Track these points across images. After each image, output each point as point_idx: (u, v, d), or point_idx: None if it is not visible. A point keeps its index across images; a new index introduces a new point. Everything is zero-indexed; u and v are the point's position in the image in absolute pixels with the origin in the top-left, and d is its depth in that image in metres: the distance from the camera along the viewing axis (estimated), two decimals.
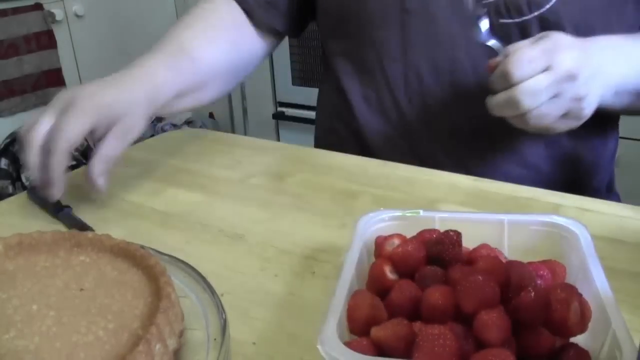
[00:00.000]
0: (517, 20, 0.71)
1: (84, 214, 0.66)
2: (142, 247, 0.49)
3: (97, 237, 0.50)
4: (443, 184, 0.67)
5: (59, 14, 2.27)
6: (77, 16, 2.36)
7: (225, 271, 0.55)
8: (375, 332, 0.36)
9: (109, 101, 0.65)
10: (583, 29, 0.70)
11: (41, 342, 0.40)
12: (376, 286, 0.41)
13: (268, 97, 2.66)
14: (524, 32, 0.71)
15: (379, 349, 0.35)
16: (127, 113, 0.65)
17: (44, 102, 2.27)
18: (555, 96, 0.60)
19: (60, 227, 0.63)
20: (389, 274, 0.41)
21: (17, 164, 2.18)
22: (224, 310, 0.44)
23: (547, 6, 0.70)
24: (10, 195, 0.74)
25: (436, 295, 0.37)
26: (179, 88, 0.74)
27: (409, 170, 0.72)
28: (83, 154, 2.33)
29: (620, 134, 0.72)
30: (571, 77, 0.60)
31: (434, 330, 0.34)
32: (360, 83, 0.83)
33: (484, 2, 0.72)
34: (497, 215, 0.46)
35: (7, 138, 2.17)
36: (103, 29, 2.45)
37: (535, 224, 0.45)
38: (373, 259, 0.44)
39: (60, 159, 0.61)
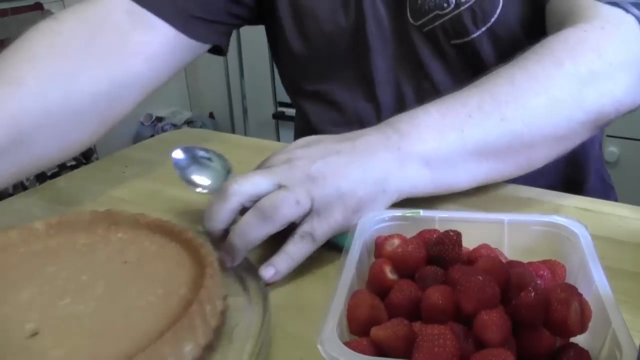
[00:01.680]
0: (466, 39, 0.70)
1: None
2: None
3: (133, 215, 0.53)
4: None
5: None
6: None
7: None
8: (375, 332, 0.36)
9: None
10: (532, 34, 0.67)
11: (97, 306, 0.44)
12: (376, 286, 0.41)
13: (268, 97, 2.66)
14: (475, 50, 0.71)
15: (379, 349, 0.35)
16: None
17: None
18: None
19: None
20: (389, 274, 0.41)
21: None
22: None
23: (493, 19, 0.68)
24: (10, 195, 0.74)
25: (436, 295, 0.37)
26: None
27: None
28: (84, 155, 2.33)
29: (620, 134, 0.71)
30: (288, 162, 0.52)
31: (434, 330, 0.34)
32: (330, 123, 0.81)
33: (425, 29, 0.72)
34: (497, 215, 0.46)
35: None
36: None
37: (535, 224, 0.45)
38: (373, 259, 0.44)
39: None
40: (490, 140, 0.55)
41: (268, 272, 0.50)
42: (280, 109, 2.65)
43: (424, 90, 0.76)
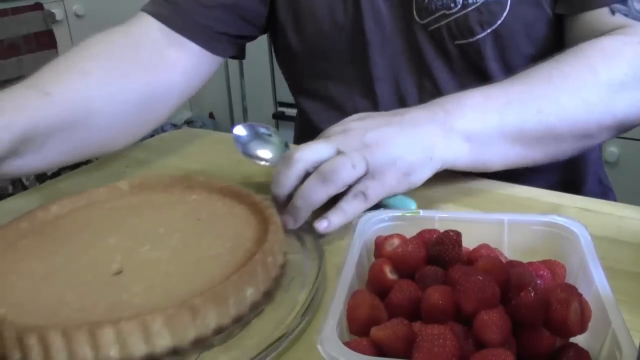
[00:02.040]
0: (470, 40, 0.72)
1: None
2: None
3: (207, 180, 0.60)
4: (443, 184, 0.67)
5: (59, 14, 2.28)
6: (77, 16, 2.36)
7: None
8: (375, 332, 0.36)
9: None
10: (535, 39, 0.72)
11: (172, 254, 0.50)
12: (376, 286, 0.41)
13: (268, 97, 2.66)
14: (479, 51, 0.72)
15: (379, 349, 0.35)
16: None
17: None
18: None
19: None
20: (389, 274, 0.41)
21: None
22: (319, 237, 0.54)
23: (499, 22, 0.70)
24: (10, 195, 0.74)
25: (436, 295, 0.37)
26: (20, 131, 0.59)
27: None
28: None
29: (620, 134, 0.72)
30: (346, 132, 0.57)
31: (434, 330, 0.34)
32: (330, 121, 0.82)
33: (430, 28, 0.73)
34: (497, 215, 0.46)
35: None
36: (103, 29, 2.45)
37: (535, 224, 0.45)
38: (373, 259, 0.44)
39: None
40: (525, 128, 0.61)
41: (322, 224, 0.55)
42: (280, 109, 2.65)
43: (424, 88, 0.76)
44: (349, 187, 0.55)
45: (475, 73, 0.74)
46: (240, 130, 0.67)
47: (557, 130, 0.61)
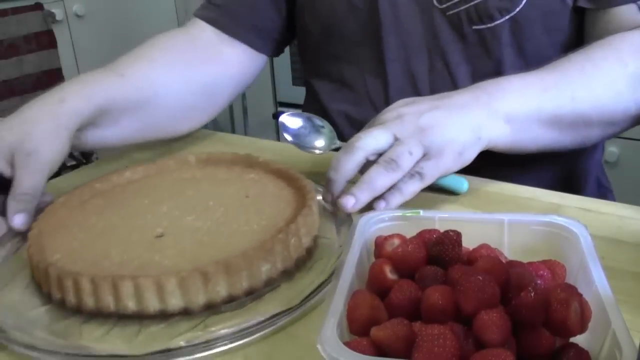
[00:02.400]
0: (489, 25, 0.73)
1: None
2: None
3: (265, 161, 0.65)
4: None
5: (59, 14, 2.27)
6: (77, 16, 2.36)
7: None
8: (375, 332, 0.36)
9: (11, 141, 0.62)
10: (552, 29, 0.73)
11: (211, 226, 0.55)
12: (376, 286, 0.41)
13: (268, 97, 2.66)
14: (496, 36, 0.74)
15: (379, 349, 0.35)
16: (36, 148, 0.61)
17: None
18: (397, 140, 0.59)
19: None
20: (389, 274, 0.41)
21: None
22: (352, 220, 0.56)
23: (517, 9, 0.72)
24: None
25: (436, 295, 0.37)
26: (99, 102, 0.68)
27: None
28: (84, 155, 2.33)
29: (621, 134, 0.72)
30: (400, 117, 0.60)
31: (434, 330, 0.34)
32: (340, 101, 0.84)
33: (449, 13, 0.73)
34: (497, 215, 0.46)
35: None
36: (103, 29, 2.45)
37: (535, 224, 0.45)
38: (373, 259, 0.44)
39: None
40: (560, 114, 0.64)
41: (380, 204, 0.58)
42: (280, 109, 2.65)
43: (435, 70, 0.77)
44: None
45: (488, 58, 0.75)
46: (292, 121, 0.70)
47: (588, 116, 0.65)
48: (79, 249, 0.54)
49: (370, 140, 0.58)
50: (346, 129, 0.83)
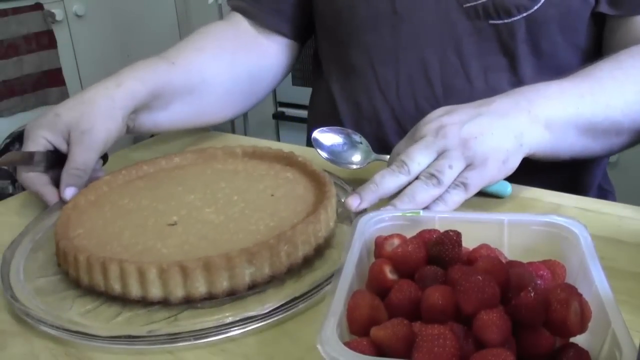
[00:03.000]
0: (506, 21, 0.73)
1: None
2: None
3: (304, 160, 0.65)
4: None
5: (59, 14, 2.27)
6: (77, 16, 2.36)
7: None
8: (375, 332, 0.36)
9: (68, 119, 0.67)
10: (568, 29, 0.73)
11: (224, 220, 0.56)
12: (376, 286, 0.41)
13: (268, 97, 2.66)
14: (512, 32, 0.73)
15: (379, 349, 0.35)
16: (90, 126, 0.66)
17: (44, 102, 2.27)
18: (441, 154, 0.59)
19: None
20: (389, 274, 0.41)
21: None
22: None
23: (535, 7, 0.71)
24: (10, 195, 0.74)
25: (436, 295, 0.37)
26: (152, 87, 0.73)
27: None
28: None
29: None
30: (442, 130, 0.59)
31: (434, 330, 0.34)
32: (347, 89, 0.84)
33: (466, 5, 0.73)
34: (497, 215, 0.46)
35: (7, 138, 2.17)
36: (103, 29, 2.45)
37: (535, 224, 0.45)
38: (373, 259, 0.44)
39: None
40: (595, 121, 0.64)
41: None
42: (280, 109, 2.65)
43: (448, 61, 0.77)
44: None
45: (502, 53, 0.75)
46: (326, 137, 0.70)
47: (620, 124, 0.66)
48: (100, 227, 0.57)
49: (415, 166, 0.58)
50: (348, 116, 0.83)
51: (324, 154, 0.68)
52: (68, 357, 0.46)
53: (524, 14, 0.72)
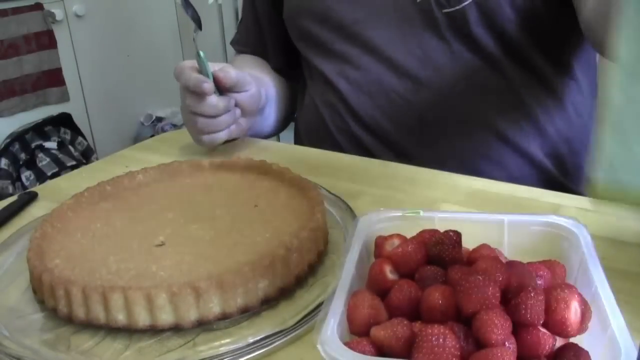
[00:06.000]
0: (457, 7, 0.75)
1: None
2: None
3: (280, 168, 0.63)
4: (443, 184, 0.67)
5: (59, 14, 2.27)
6: (77, 16, 2.36)
7: None
8: (375, 332, 0.36)
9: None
10: (520, 6, 0.75)
11: (214, 236, 0.54)
12: (376, 286, 0.41)
13: None
14: (465, 19, 0.76)
15: (379, 349, 0.35)
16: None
17: (44, 102, 2.28)
18: None
19: None
20: (389, 274, 0.41)
21: (17, 164, 2.18)
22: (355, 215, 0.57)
23: None
24: (10, 195, 0.74)
25: (436, 295, 0.37)
26: (264, 96, 0.82)
27: (410, 170, 0.72)
28: (84, 155, 2.33)
29: None
30: None
31: (434, 330, 0.34)
32: (325, 94, 0.87)
33: (418, 0, 0.76)
34: (497, 215, 0.46)
35: (7, 138, 2.17)
36: (103, 29, 2.45)
37: (535, 224, 0.45)
38: (373, 259, 0.44)
39: None
40: None
41: None
42: None
43: (414, 56, 0.79)
44: None
45: (462, 38, 0.77)
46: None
47: None
48: (79, 255, 0.52)
49: None
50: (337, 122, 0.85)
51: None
52: None
53: None
